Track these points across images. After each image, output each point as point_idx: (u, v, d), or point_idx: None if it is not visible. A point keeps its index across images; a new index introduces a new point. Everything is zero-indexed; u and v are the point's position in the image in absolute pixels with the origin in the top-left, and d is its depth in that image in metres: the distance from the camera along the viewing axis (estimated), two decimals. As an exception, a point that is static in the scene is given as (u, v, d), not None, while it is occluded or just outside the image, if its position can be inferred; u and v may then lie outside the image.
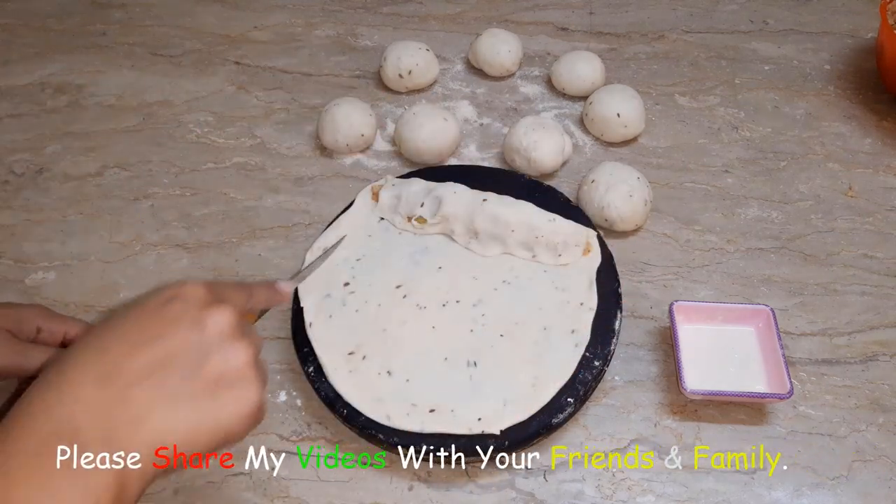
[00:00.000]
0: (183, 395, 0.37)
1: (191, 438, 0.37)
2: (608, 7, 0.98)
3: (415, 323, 0.60)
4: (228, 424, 0.39)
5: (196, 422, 0.38)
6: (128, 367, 0.37)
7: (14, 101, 0.87)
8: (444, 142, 0.76)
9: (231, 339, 0.40)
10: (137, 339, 0.38)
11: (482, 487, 0.56)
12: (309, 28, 0.96)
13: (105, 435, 0.35)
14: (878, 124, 0.82)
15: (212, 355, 0.39)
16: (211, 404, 0.38)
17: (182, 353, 0.38)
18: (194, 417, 0.38)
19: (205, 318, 0.40)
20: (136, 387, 0.37)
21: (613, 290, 0.62)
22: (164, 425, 0.37)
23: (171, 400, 0.37)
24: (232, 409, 0.39)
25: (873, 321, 0.65)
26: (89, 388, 0.36)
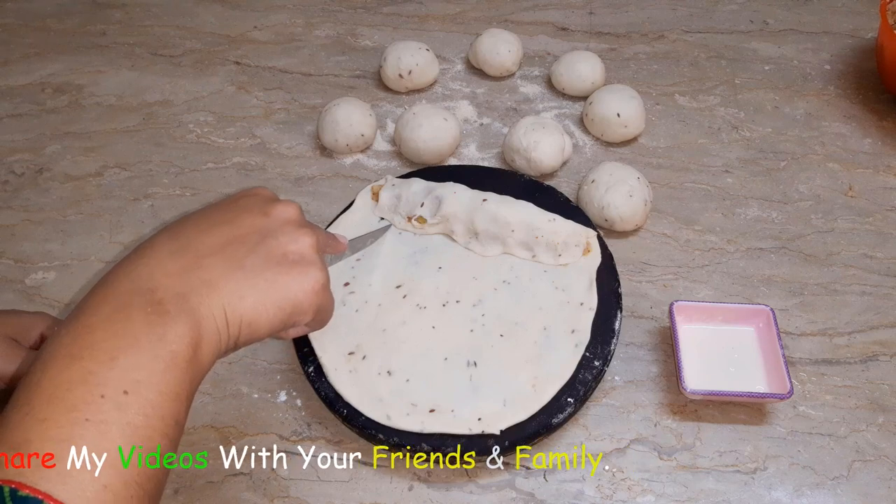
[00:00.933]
0: (251, 265, 0.40)
1: (259, 306, 0.40)
2: (608, 7, 0.98)
3: (415, 323, 0.60)
4: (294, 296, 0.41)
5: (264, 289, 0.40)
6: (200, 242, 0.40)
7: (14, 101, 0.87)
8: (444, 142, 0.76)
9: (296, 225, 0.44)
10: (209, 223, 0.42)
11: (482, 487, 0.56)
12: (309, 28, 0.96)
13: (180, 295, 0.37)
14: (878, 124, 0.82)
15: (277, 236, 0.42)
16: (278, 276, 0.41)
17: (249, 233, 0.42)
18: (262, 285, 0.40)
19: (271, 208, 0.44)
20: (208, 257, 0.40)
21: (613, 290, 0.62)
22: (234, 290, 0.39)
23: (241, 269, 0.40)
24: (298, 283, 0.42)
25: (873, 321, 0.65)
26: (165, 258, 0.39)
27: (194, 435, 0.59)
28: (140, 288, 0.37)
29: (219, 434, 0.59)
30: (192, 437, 0.58)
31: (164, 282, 0.37)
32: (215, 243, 0.40)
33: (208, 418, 0.60)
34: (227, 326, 0.39)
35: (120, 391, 0.33)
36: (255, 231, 0.42)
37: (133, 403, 0.33)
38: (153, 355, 0.35)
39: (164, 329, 0.35)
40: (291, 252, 0.42)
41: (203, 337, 0.37)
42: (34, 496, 0.29)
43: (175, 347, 0.35)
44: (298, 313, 0.42)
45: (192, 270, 0.38)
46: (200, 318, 0.37)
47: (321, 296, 0.43)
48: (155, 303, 0.36)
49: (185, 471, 0.56)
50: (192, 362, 0.36)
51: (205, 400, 0.61)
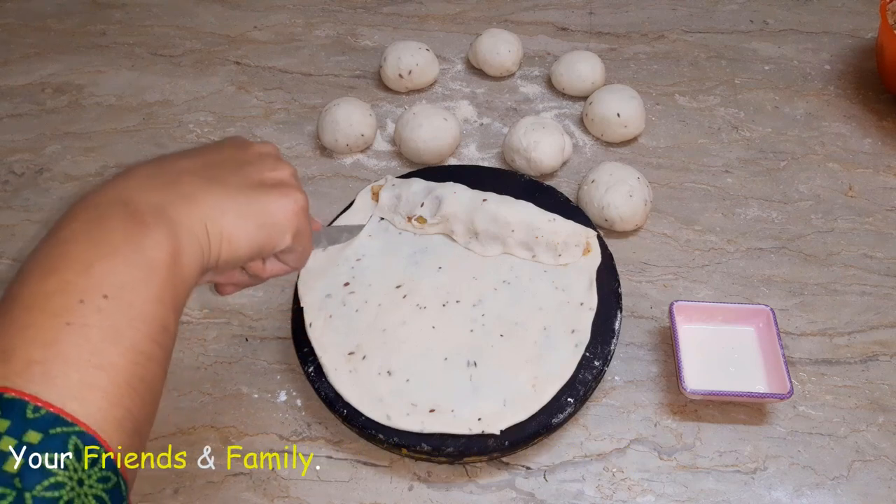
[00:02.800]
0: (231, 183, 0.40)
1: (239, 220, 0.39)
2: (608, 7, 0.98)
3: (415, 323, 0.60)
4: (274, 214, 0.41)
5: (244, 204, 0.40)
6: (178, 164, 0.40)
7: (14, 101, 0.87)
8: (444, 142, 0.76)
9: (274, 158, 0.44)
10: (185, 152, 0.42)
11: (482, 487, 0.56)
12: (309, 28, 0.96)
13: (157, 206, 0.36)
14: (878, 124, 0.82)
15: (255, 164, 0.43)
16: (257, 194, 0.41)
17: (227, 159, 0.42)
18: (242, 200, 0.40)
19: (249, 145, 0.45)
20: (186, 174, 0.39)
21: (613, 290, 0.62)
22: (214, 204, 0.39)
23: (220, 185, 0.40)
24: (277, 202, 0.41)
25: (873, 321, 0.65)
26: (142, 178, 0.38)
27: (194, 435, 0.59)
28: (116, 199, 0.36)
29: (219, 434, 0.59)
30: (192, 437, 0.58)
31: (142, 195, 0.37)
32: (194, 165, 0.40)
33: (208, 418, 0.59)
34: (208, 238, 0.38)
35: (99, 295, 0.32)
36: (233, 159, 0.42)
37: (113, 307, 0.33)
38: (131, 262, 0.34)
39: (142, 237, 0.35)
40: (270, 178, 0.42)
41: (183, 246, 0.36)
42: (20, 398, 0.29)
43: (153, 254, 0.35)
44: (278, 234, 0.41)
45: (170, 185, 0.38)
46: (179, 228, 0.36)
47: (300, 217, 0.42)
48: (131, 213, 0.35)
49: (185, 471, 0.56)
50: (174, 269, 0.36)
51: (205, 400, 0.61)
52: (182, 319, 0.65)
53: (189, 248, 0.37)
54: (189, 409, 0.60)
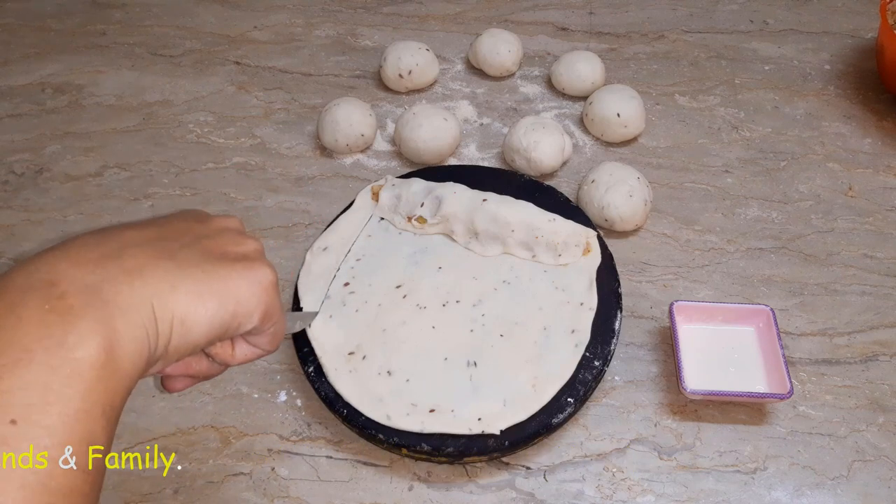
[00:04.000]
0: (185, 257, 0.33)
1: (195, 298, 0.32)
2: (608, 7, 0.98)
3: (415, 323, 0.60)
4: (238, 290, 0.34)
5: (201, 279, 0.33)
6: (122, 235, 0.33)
7: (14, 101, 0.87)
8: (444, 142, 0.76)
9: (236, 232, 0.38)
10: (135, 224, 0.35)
11: (482, 487, 0.56)
12: (309, 28, 0.96)
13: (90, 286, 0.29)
14: (878, 124, 0.82)
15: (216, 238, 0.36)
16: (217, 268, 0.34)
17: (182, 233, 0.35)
18: (199, 275, 0.33)
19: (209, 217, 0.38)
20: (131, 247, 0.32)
21: (613, 290, 0.62)
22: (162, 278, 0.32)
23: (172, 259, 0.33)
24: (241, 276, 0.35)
25: (873, 321, 0.65)
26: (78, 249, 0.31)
27: (194, 435, 0.59)
28: (38, 281, 0.29)
29: (219, 434, 0.59)
30: (192, 437, 0.58)
31: (71, 272, 0.30)
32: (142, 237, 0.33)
33: (208, 418, 0.59)
34: (156, 323, 0.31)
35: (6, 420, 0.26)
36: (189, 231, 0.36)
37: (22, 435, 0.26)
38: (49, 368, 0.27)
39: (64, 331, 0.28)
40: (232, 252, 0.36)
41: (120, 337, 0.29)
42: None
43: (79, 354, 0.28)
44: (243, 314, 0.34)
45: (110, 259, 0.31)
46: (115, 313, 0.29)
47: (269, 294, 0.36)
48: (55, 298, 0.28)
49: (185, 471, 0.56)
50: (106, 369, 0.28)
51: (205, 400, 0.61)
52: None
53: (129, 337, 0.30)
54: (189, 409, 0.60)
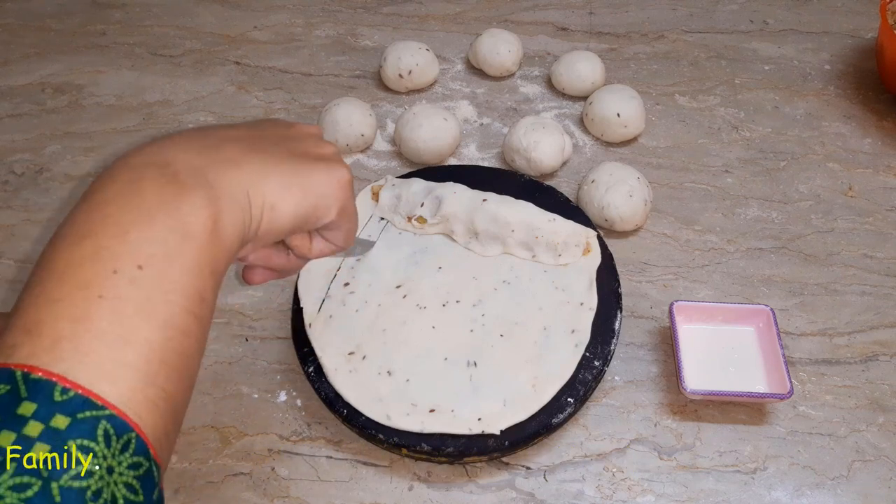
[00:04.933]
0: (273, 154, 0.38)
1: (283, 187, 0.37)
2: (608, 7, 0.98)
3: (415, 323, 0.60)
4: (320, 184, 0.39)
5: (288, 172, 0.38)
6: (220, 132, 0.38)
7: (14, 101, 0.87)
8: (444, 142, 0.76)
9: (317, 137, 0.43)
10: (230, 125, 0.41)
11: (482, 487, 0.56)
12: (309, 28, 0.96)
13: (197, 168, 0.35)
14: (878, 124, 0.82)
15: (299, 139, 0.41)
16: (302, 164, 0.39)
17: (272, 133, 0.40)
18: (286, 168, 0.38)
19: (294, 123, 0.43)
20: (229, 141, 0.37)
21: (613, 290, 0.62)
22: (257, 169, 0.37)
23: (263, 153, 0.38)
24: (322, 173, 0.39)
25: (873, 321, 0.65)
26: (182, 140, 0.37)
27: (194, 435, 0.59)
28: (154, 161, 0.34)
29: (219, 434, 0.59)
30: (192, 437, 0.58)
31: (181, 156, 0.35)
32: (237, 134, 0.39)
33: (208, 418, 0.60)
34: (250, 204, 0.36)
35: (133, 265, 0.30)
36: (277, 133, 0.41)
37: (148, 278, 0.31)
38: (168, 228, 0.32)
39: (179, 200, 0.33)
40: (314, 152, 0.41)
41: (223, 211, 0.34)
42: (48, 378, 0.27)
43: (191, 219, 0.33)
44: (323, 206, 0.39)
45: (212, 149, 0.36)
46: (219, 192, 0.34)
47: (346, 192, 0.41)
48: (170, 176, 0.33)
49: (185, 471, 0.56)
50: (213, 236, 0.33)
51: (205, 400, 0.61)
52: (182, 319, 0.66)
53: (229, 213, 0.35)
54: (189, 409, 0.59)
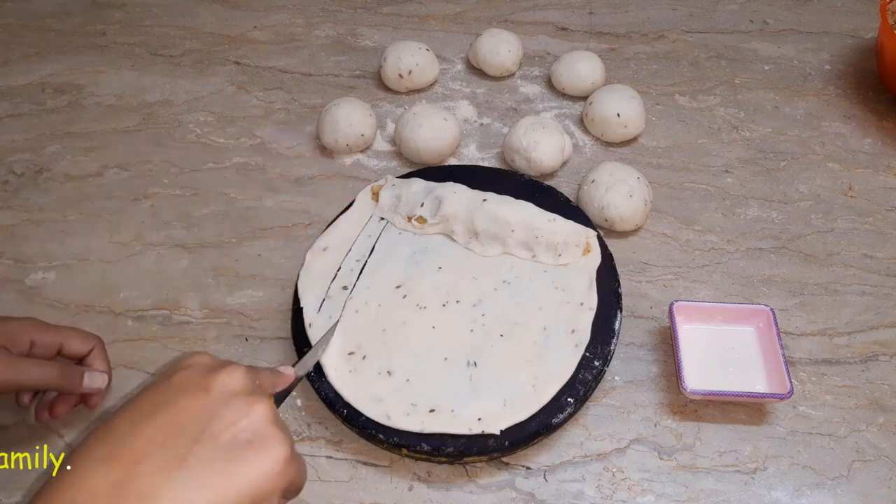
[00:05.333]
0: (196, 462, 0.35)
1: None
2: (608, 7, 0.98)
3: (415, 323, 0.60)
4: (255, 483, 0.36)
5: (216, 486, 0.35)
6: (132, 442, 0.35)
7: (14, 101, 0.87)
8: (444, 142, 0.76)
9: (241, 397, 0.38)
10: (142, 412, 0.37)
11: (482, 487, 0.56)
12: (309, 28, 0.96)
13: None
14: (878, 124, 0.82)
15: (223, 416, 0.37)
16: (230, 466, 0.35)
17: (190, 419, 0.36)
18: (213, 483, 0.35)
19: (211, 381, 0.38)
20: (143, 462, 0.34)
21: (613, 290, 0.62)
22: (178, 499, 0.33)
23: (184, 469, 0.34)
24: (255, 469, 0.36)
25: (873, 321, 0.65)
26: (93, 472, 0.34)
27: (194, 435, 0.58)
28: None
29: (219, 434, 0.59)
30: (192, 437, 0.58)
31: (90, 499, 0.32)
32: (151, 440, 0.35)
33: (208, 418, 0.59)
34: None
35: None
36: (194, 414, 0.37)
37: None
38: None
39: None
40: (242, 430, 0.37)
41: None
42: None
43: None
44: (264, 500, 0.36)
45: (125, 483, 0.33)
46: None
47: (287, 470, 0.37)
48: None
49: None
50: None
51: (205, 400, 0.60)
52: (182, 319, 0.66)
53: None
54: None
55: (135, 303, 0.67)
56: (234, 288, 0.68)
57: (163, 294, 0.68)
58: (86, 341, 0.55)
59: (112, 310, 0.67)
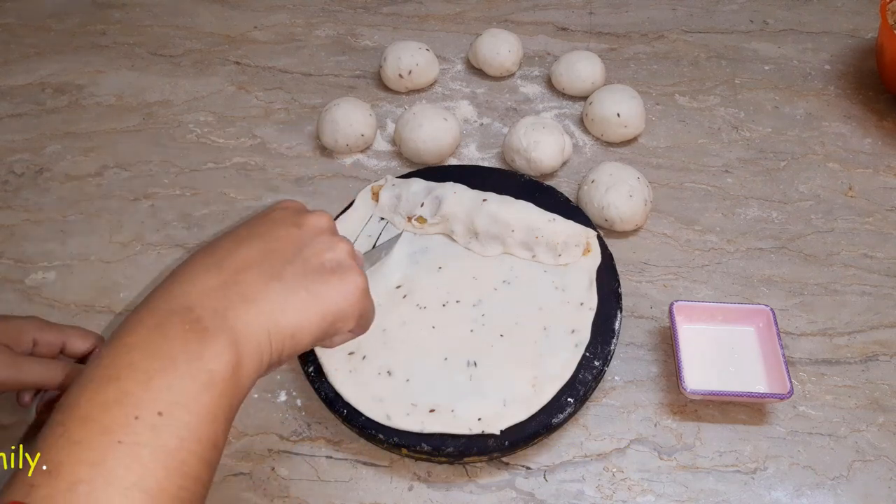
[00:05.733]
0: (290, 276, 0.40)
1: (302, 317, 0.39)
2: (608, 7, 0.98)
3: (415, 323, 0.60)
4: (336, 304, 0.41)
5: (305, 299, 0.40)
6: (236, 256, 0.40)
7: (14, 101, 0.87)
8: (444, 142, 0.76)
9: (328, 234, 0.44)
10: (242, 237, 0.42)
11: (482, 487, 0.56)
12: (309, 28, 0.96)
13: (218, 311, 0.37)
14: (878, 124, 0.82)
15: (313, 245, 0.42)
16: (318, 284, 0.41)
17: (285, 245, 0.42)
18: (303, 295, 0.40)
19: (303, 219, 0.44)
20: (245, 271, 0.39)
21: (613, 290, 0.62)
22: (275, 303, 0.39)
23: (280, 280, 0.39)
24: (338, 290, 0.41)
25: (873, 321, 0.65)
26: (201, 275, 0.39)
27: (194, 435, 0.58)
28: (178, 306, 0.37)
29: (219, 434, 0.59)
30: (192, 437, 0.58)
31: (202, 299, 0.37)
32: (251, 256, 0.40)
33: (208, 418, 0.59)
34: (270, 341, 0.38)
35: (154, 412, 0.32)
36: (290, 242, 0.42)
37: (167, 425, 0.32)
38: (189, 376, 0.34)
39: (202, 347, 0.35)
40: (328, 260, 0.42)
41: (243, 354, 0.36)
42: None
43: (213, 366, 0.35)
44: (341, 320, 0.41)
45: (230, 286, 0.38)
46: (239, 335, 0.36)
47: (362, 301, 0.43)
48: (193, 321, 0.36)
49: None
50: (232, 381, 0.35)
51: (205, 400, 0.60)
52: (182, 319, 0.66)
53: (249, 356, 0.37)
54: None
55: (135, 303, 0.67)
56: (234, 288, 0.68)
57: (163, 294, 0.68)
58: (87, 340, 0.55)
59: (112, 310, 0.67)
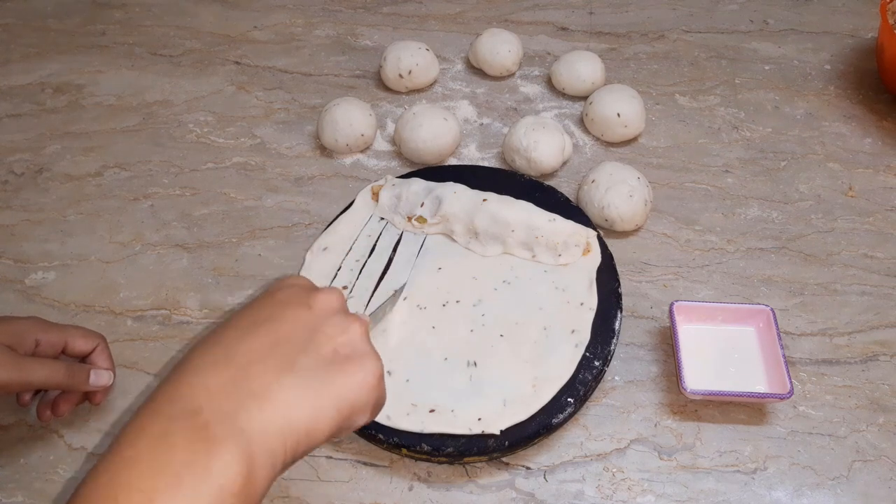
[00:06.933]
0: (303, 366, 0.37)
1: (318, 413, 0.36)
2: (608, 7, 0.98)
3: (415, 323, 0.60)
4: (352, 395, 0.38)
5: (320, 392, 0.37)
6: (243, 348, 0.37)
7: (14, 101, 0.87)
8: (444, 142, 0.76)
9: (340, 315, 0.41)
10: (249, 324, 0.39)
11: (482, 487, 0.56)
12: (309, 28, 0.96)
13: (227, 414, 0.34)
14: (878, 124, 0.82)
15: (325, 329, 0.40)
16: (332, 375, 0.38)
17: (295, 331, 0.39)
18: (318, 387, 0.37)
19: (312, 298, 0.41)
20: (254, 364, 0.36)
21: (613, 290, 0.62)
22: (289, 399, 0.36)
23: (292, 372, 0.37)
24: (353, 379, 0.38)
25: (873, 321, 0.65)
26: (208, 372, 0.36)
27: (194, 435, 0.58)
28: (183, 411, 0.33)
29: (219, 434, 0.59)
30: (192, 437, 0.58)
31: (210, 399, 0.34)
32: (261, 346, 0.37)
33: (208, 418, 0.59)
34: (284, 443, 0.35)
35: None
36: (300, 326, 0.39)
37: None
38: (197, 492, 0.31)
39: (210, 459, 0.32)
40: (341, 344, 0.39)
41: (255, 462, 0.33)
42: None
43: (222, 481, 0.32)
44: (358, 412, 0.39)
45: (239, 382, 0.35)
46: (251, 440, 0.33)
47: (378, 388, 0.40)
48: (199, 427, 0.33)
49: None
50: (243, 494, 0.32)
51: (205, 400, 0.60)
52: (182, 318, 0.66)
53: (261, 464, 0.34)
54: None
55: (134, 303, 0.68)
56: (234, 288, 0.68)
57: (162, 294, 0.68)
58: (89, 339, 0.55)
59: (112, 310, 0.67)
